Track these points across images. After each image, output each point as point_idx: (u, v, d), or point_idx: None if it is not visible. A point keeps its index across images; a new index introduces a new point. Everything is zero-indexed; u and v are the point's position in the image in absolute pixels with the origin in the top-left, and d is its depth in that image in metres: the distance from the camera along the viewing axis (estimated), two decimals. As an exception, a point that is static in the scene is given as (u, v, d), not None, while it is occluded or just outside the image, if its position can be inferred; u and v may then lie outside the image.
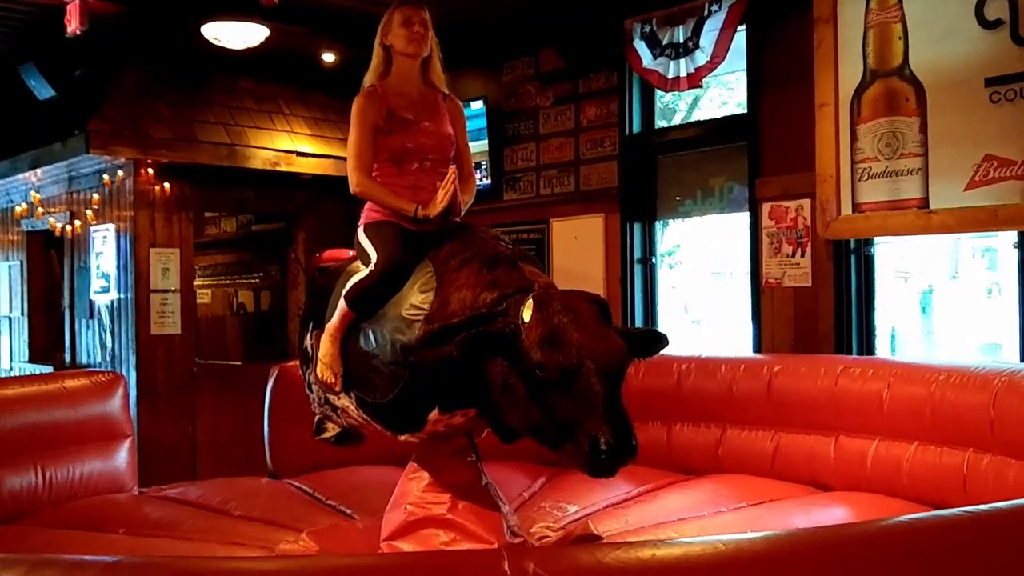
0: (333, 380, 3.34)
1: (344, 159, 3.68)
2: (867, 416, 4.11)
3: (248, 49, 6.11)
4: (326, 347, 3.34)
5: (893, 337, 5.94)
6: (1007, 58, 4.29)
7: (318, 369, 3.39)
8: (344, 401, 3.41)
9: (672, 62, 5.61)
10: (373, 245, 3.32)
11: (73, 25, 5.79)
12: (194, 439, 7.03)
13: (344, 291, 3.28)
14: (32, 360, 8.14)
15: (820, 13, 4.92)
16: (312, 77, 7.37)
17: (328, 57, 6.95)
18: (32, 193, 7.64)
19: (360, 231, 3.44)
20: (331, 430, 3.80)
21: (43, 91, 7.01)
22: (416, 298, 3.09)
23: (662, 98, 6.33)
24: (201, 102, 7.08)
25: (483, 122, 6.78)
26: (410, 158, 3.41)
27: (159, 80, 6.94)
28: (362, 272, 3.30)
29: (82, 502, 4.25)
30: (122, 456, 4.57)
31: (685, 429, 4.77)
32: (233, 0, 5.71)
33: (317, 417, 3.80)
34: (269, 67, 7.16)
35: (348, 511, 4.18)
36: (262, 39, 6.05)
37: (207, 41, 5.99)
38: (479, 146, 6.80)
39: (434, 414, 3.09)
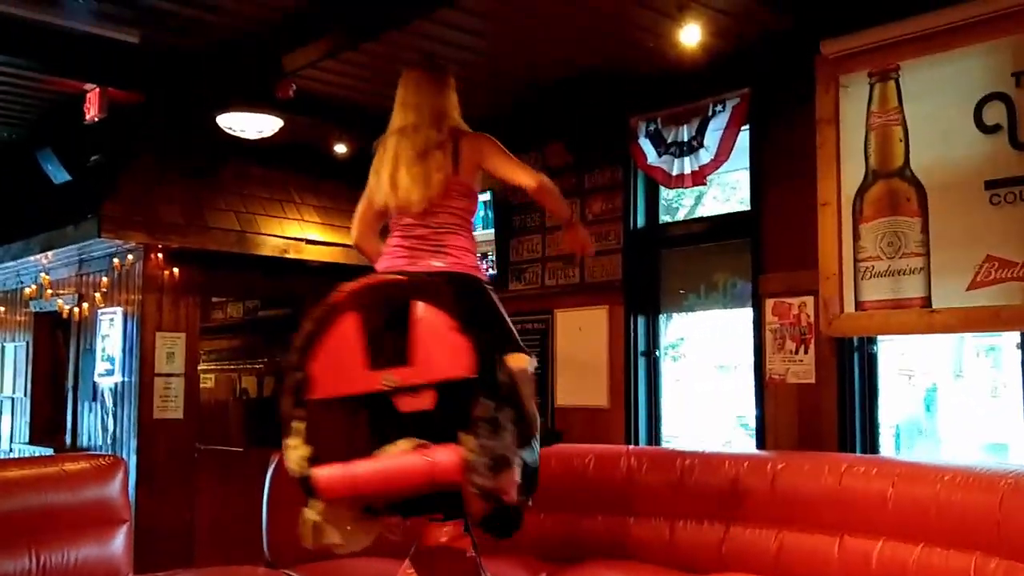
0: None
1: (352, 247, 3.78)
2: (872, 516, 4.06)
3: (261, 138, 6.24)
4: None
5: (897, 436, 5.90)
6: (1006, 162, 4.36)
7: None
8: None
9: (676, 159, 5.72)
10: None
11: (92, 112, 5.94)
12: (192, 525, 6.95)
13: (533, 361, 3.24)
14: (32, 441, 8.11)
15: (823, 114, 5.02)
16: (324, 166, 7.50)
17: (340, 148, 7.09)
18: (42, 275, 7.72)
19: (493, 292, 3.45)
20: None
21: (59, 175, 7.14)
22: None
23: (666, 194, 6.42)
24: (213, 188, 7.19)
25: (490, 213, 6.88)
26: None
27: (172, 166, 7.07)
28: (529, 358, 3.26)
29: (75, 588, 4.19)
30: (119, 541, 4.51)
31: (688, 526, 4.70)
32: (249, 91, 5.86)
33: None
34: (281, 156, 7.30)
35: (345, 603, 4.11)
36: (276, 129, 6.18)
37: (221, 129, 6.13)
38: (486, 235, 6.89)
39: None
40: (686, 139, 5.70)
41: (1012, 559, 3.53)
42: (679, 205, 6.93)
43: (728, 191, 6.69)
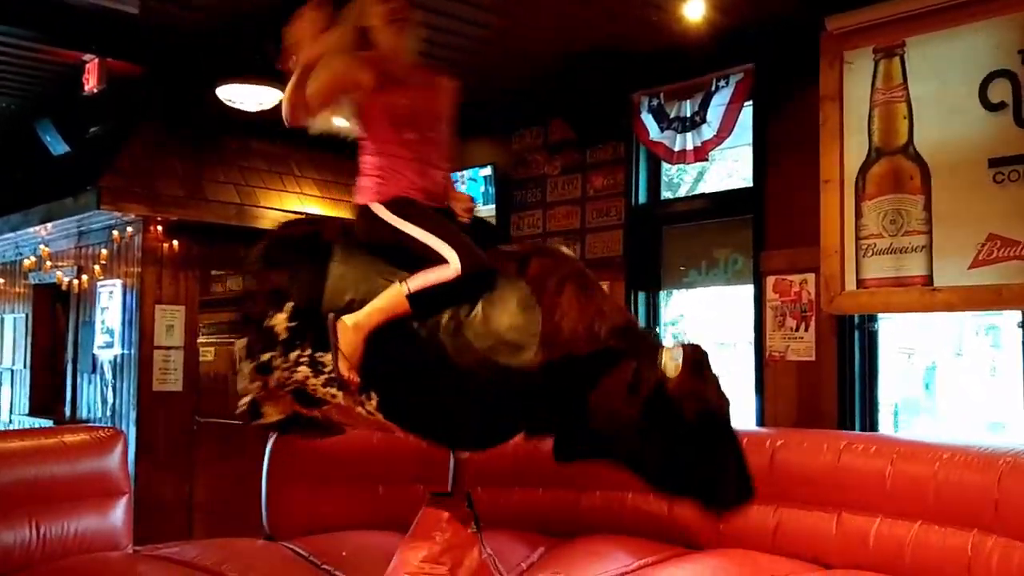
0: (349, 375, 3.02)
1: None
2: (870, 494, 4.07)
3: (261, 111, 6.21)
4: (353, 340, 3.01)
5: (896, 414, 5.91)
6: (1010, 140, 4.34)
7: (340, 365, 3.02)
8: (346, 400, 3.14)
9: (679, 135, 5.69)
10: (436, 235, 3.05)
11: (91, 83, 5.90)
12: (191, 497, 6.97)
13: (409, 285, 2.99)
14: (32, 413, 8.12)
15: (826, 91, 4.99)
16: (324, 140, 7.42)
17: (340, 120, 7.03)
18: (41, 247, 7.70)
19: (383, 209, 3.22)
20: (272, 414, 3.50)
21: (58, 147, 7.11)
22: (518, 319, 2.92)
23: (668, 170, 6.40)
24: (213, 161, 7.16)
25: (491, 189, 6.85)
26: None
27: (172, 139, 7.04)
28: (438, 270, 2.99)
29: (75, 559, 4.19)
30: (118, 513, 4.52)
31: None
32: (249, 63, 5.81)
33: (250, 398, 3.50)
34: (281, 129, 7.23)
35: (343, 576, 4.13)
36: (276, 101, 6.13)
37: (221, 102, 6.09)
38: (487, 211, 6.86)
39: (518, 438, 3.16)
40: (688, 115, 5.67)
41: (1009, 537, 3.54)
42: (681, 181, 6.91)
43: (730, 167, 6.66)
